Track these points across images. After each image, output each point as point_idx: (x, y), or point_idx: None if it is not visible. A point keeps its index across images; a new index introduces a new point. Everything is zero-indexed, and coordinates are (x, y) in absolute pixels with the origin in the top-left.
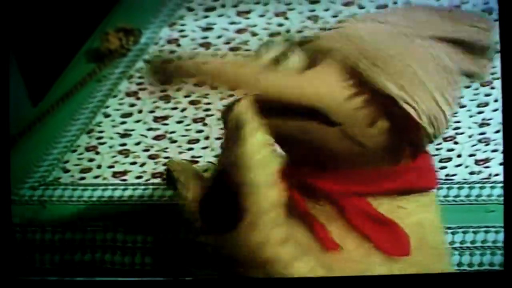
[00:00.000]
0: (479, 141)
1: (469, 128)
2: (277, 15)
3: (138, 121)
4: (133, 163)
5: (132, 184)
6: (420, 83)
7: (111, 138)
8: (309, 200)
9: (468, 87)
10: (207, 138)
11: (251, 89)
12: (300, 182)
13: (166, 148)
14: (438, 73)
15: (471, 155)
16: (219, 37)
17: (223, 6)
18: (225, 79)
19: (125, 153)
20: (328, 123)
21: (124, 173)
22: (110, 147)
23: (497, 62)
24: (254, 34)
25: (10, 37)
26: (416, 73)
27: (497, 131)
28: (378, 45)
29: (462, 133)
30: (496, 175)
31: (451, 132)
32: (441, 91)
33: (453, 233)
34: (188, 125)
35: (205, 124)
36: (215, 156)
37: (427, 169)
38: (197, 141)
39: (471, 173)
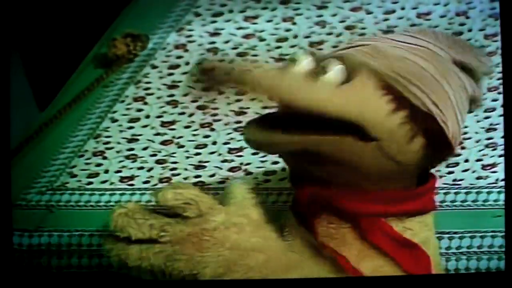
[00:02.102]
0: (486, 146)
1: (476, 133)
2: (284, 20)
3: (145, 126)
4: (141, 168)
5: (139, 189)
6: (450, 103)
7: (118, 143)
8: (330, 222)
9: None
10: (214, 143)
11: (290, 100)
12: (325, 203)
13: (174, 153)
14: (460, 95)
15: (478, 160)
16: (226, 42)
17: (230, 11)
18: (265, 89)
19: (133, 158)
20: (365, 139)
21: (132, 178)
22: (118, 152)
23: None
24: (261, 39)
25: (17, 43)
26: (447, 92)
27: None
28: (412, 63)
29: (469, 138)
30: (503, 180)
31: None
32: (462, 113)
33: (460, 238)
34: (195, 130)
35: (212, 129)
36: (222, 161)
37: (435, 190)
38: (204, 146)
39: (478, 178)
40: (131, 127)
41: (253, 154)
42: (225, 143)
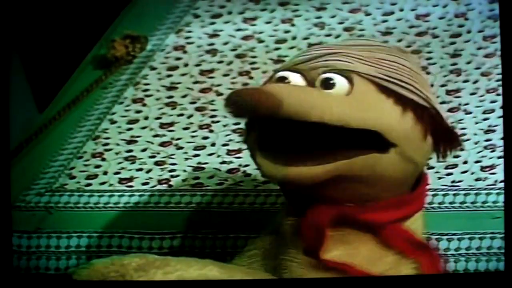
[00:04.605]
0: (485, 147)
1: (475, 134)
2: (283, 21)
3: (144, 128)
4: (139, 170)
5: (138, 191)
6: (432, 91)
7: (117, 144)
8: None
9: (473, 93)
10: (213, 144)
11: (325, 117)
12: (350, 220)
13: (172, 154)
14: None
15: (477, 162)
16: (225, 43)
17: (229, 13)
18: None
19: (131, 159)
20: (385, 148)
21: (130, 179)
22: (116, 153)
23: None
24: (260, 41)
25: (17, 43)
26: (427, 81)
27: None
28: (391, 62)
29: (468, 140)
30: (502, 181)
31: None
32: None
33: (459, 240)
34: (194, 131)
35: (211, 131)
36: (221, 163)
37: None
38: (203, 147)
39: (477, 179)
40: (130, 129)
41: None
42: (224, 145)
